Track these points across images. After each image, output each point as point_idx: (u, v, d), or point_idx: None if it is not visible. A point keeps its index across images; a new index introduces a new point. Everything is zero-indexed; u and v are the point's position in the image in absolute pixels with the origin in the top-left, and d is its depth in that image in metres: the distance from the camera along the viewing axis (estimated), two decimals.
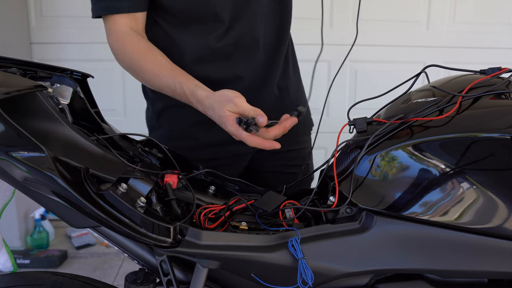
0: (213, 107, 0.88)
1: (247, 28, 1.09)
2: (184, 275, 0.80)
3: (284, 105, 1.17)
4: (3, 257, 0.84)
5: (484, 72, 0.85)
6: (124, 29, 1.01)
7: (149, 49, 1.00)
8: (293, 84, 1.23)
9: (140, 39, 1.01)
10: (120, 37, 1.00)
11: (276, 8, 1.13)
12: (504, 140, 0.72)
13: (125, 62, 1.01)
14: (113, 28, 1.01)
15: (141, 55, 0.99)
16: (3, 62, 0.81)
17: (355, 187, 0.79)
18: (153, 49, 1.01)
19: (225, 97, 0.86)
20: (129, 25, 1.01)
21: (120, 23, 1.01)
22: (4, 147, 0.64)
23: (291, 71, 1.23)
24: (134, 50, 0.99)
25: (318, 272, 0.73)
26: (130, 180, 0.73)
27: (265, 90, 1.15)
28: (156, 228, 0.69)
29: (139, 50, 0.99)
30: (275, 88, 1.18)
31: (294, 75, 1.24)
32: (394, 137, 0.78)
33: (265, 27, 1.12)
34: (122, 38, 1.00)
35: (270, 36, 1.13)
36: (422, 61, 2.73)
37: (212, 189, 0.91)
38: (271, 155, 1.19)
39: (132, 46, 1.00)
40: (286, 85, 1.20)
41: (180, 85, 0.94)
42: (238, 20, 1.08)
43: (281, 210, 0.83)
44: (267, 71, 1.15)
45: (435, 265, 0.74)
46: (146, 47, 1.00)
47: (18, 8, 2.61)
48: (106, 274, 2.36)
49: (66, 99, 0.83)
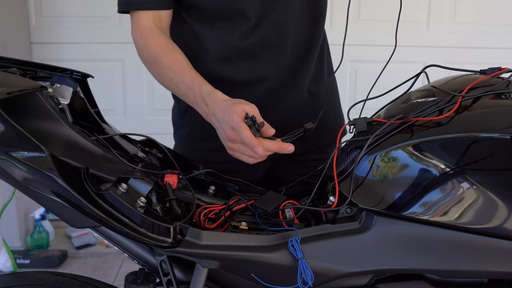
0: (226, 106, 0.84)
1: (275, 27, 1.06)
2: (184, 275, 0.80)
3: (313, 109, 1.12)
4: (3, 257, 0.84)
5: (484, 72, 0.85)
6: (148, 24, 1.02)
7: (171, 47, 1.01)
8: (325, 88, 1.17)
9: (164, 37, 1.02)
10: (143, 32, 1.01)
11: (308, 8, 1.09)
12: (504, 140, 0.72)
13: (147, 57, 1.02)
14: (137, 23, 1.02)
15: (163, 51, 0.99)
16: (3, 62, 0.81)
17: (355, 187, 0.79)
18: (175, 47, 1.01)
19: (243, 101, 0.84)
20: (153, 21, 1.02)
21: (144, 18, 1.01)
22: (4, 147, 0.64)
23: (325, 75, 1.18)
24: (157, 46, 1.00)
25: (318, 272, 0.73)
26: (130, 180, 0.73)
27: (293, 93, 1.11)
28: (156, 228, 0.69)
29: (161, 47, 1.00)
30: (305, 92, 1.13)
31: (327, 78, 1.19)
32: (394, 137, 0.78)
33: (296, 27, 1.08)
34: (146, 34, 1.01)
35: (301, 37, 1.10)
36: (422, 61, 2.73)
37: (212, 189, 0.91)
38: (293, 162, 1.13)
39: (155, 42, 1.00)
40: (318, 89, 1.15)
41: (199, 85, 0.92)
42: (266, 18, 1.05)
43: (281, 210, 0.83)
44: (295, 73, 1.11)
45: (435, 265, 0.74)
46: (168, 44, 1.01)
47: (18, 8, 2.61)
48: (106, 274, 2.36)
49: (66, 99, 0.83)
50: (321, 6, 1.11)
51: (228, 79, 1.05)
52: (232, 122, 0.81)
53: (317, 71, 1.15)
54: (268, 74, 1.08)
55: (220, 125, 0.85)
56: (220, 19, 1.05)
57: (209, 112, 0.89)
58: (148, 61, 1.02)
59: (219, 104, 0.86)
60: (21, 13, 2.64)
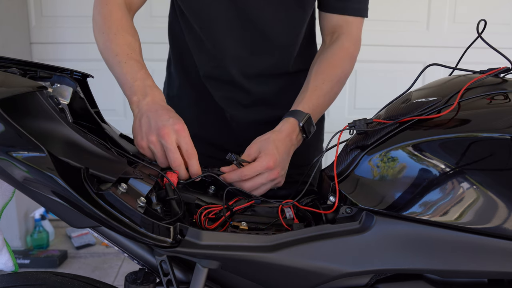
0: (161, 111, 0.86)
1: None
2: (184, 275, 0.80)
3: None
4: (5, 257, 0.84)
5: (484, 72, 0.85)
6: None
7: (130, 28, 1.01)
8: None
9: (127, 16, 1.02)
10: (109, 2, 1.01)
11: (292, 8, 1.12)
12: (504, 140, 0.72)
13: (103, 27, 0.99)
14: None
15: (122, 28, 0.98)
16: (3, 62, 0.81)
17: (355, 187, 0.79)
18: (134, 31, 1.01)
19: (177, 120, 0.85)
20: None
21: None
22: (4, 147, 0.63)
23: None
24: (117, 20, 0.99)
25: (318, 272, 0.73)
26: (130, 180, 0.73)
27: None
28: (156, 228, 0.69)
29: (121, 24, 0.99)
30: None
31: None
32: (394, 137, 0.78)
33: (279, 32, 1.11)
34: (111, 4, 1.01)
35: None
36: (422, 61, 2.73)
37: (212, 189, 0.91)
38: None
39: (117, 15, 1.00)
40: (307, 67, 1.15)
41: (146, 74, 0.92)
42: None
43: (281, 210, 0.84)
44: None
45: (435, 265, 0.74)
46: (129, 25, 1.01)
47: (18, 8, 2.61)
48: (106, 274, 2.36)
49: (66, 99, 0.83)
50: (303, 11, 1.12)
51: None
52: (166, 136, 0.82)
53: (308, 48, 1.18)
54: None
55: (150, 122, 0.85)
56: None
57: (144, 103, 0.88)
58: (101, 31, 1.00)
59: (158, 105, 0.87)
60: (21, 13, 2.64)
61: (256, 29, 1.08)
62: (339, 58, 1.07)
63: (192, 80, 1.17)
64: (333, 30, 1.12)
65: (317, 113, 1.02)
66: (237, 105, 1.14)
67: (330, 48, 1.09)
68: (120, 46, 0.95)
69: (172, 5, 1.17)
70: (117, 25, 0.98)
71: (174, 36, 1.18)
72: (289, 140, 0.93)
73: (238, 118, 1.15)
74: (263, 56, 1.11)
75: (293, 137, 0.95)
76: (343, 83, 1.08)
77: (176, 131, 0.82)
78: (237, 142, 0.93)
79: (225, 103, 1.14)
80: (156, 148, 0.84)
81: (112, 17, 0.99)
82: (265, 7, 1.06)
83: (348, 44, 1.09)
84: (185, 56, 1.16)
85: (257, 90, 1.13)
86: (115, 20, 0.99)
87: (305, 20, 1.12)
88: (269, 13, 1.07)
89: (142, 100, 0.88)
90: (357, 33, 1.12)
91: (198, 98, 1.18)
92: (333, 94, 1.06)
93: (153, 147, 0.84)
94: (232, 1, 1.05)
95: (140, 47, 0.99)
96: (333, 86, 1.04)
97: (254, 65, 1.11)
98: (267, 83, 1.14)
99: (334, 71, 1.05)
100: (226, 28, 1.07)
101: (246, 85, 1.12)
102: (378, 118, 0.87)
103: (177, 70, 1.21)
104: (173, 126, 0.83)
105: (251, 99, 1.14)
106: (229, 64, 1.10)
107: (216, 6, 1.05)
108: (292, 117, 0.96)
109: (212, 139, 1.18)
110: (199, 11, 1.07)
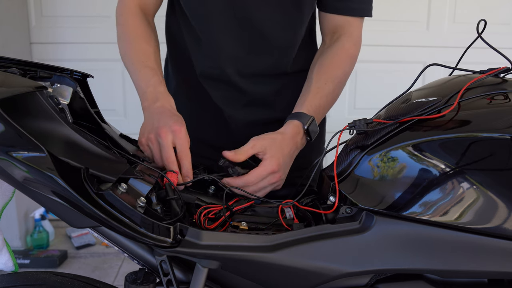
0: (167, 114, 0.89)
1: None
2: (184, 275, 0.80)
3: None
4: (5, 257, 0.84)
5: (484, 72, 0.85)
6: (131, 5, 1.06)
7: (146, 34, 1.05)
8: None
9: (142, 22, 1.06)
10: (124, 12, 1.06)
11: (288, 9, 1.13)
12: (504, 140, 0.72)
13: (122, 35, 1.05)
14: (122, 0, 1.07)
15: (137, 36, 1.03)
16: (3, 62, 0.81)
17: (355, 187, 0.79)
18: (150, 36, 1.05)
19: (183, 128, 0.87)
20: (137, 2, 1.07)
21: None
22: (4, 147, 0.63)
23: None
24: (132, 29, 1.04)
25: (318, 272, 0.73)
26: (130, 180, 0.73)
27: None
28: (156, 228, 0.69)
29: (136, 31, 1.04)
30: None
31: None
32: (394, 137, 0.78)
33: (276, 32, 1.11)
34: (126, 13, 1.06)
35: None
36: (422, 61, 2.73)
37: (212, 189, 0.91)
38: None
39: (133, 23, 1.05)
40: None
41: (159, 81, 0.96)
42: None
43: (281, 210, 0.84)
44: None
45: (435, 265, 0.74)
46: (144, 30, 1.05)
47: (18, 8, 2.61)
48: (106, 274, 2.36)
49: (66, 99, 0.83)
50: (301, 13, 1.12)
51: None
52: (162, 135, 0.85)
53: (308, 49, 1.18)
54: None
55: (153, 122, 0.88)
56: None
57: (154, 107, 0.92)
58: (120, 40, 1.06)
59: (167, 109, 0.91)
60: (21, 13, 2.64)
61: (253, 29, 1.07)
62: (340, 58, 1.07)
63: (189, 79, 1.17)
64: (334, 30, 1.11)
65: (320, 114, 1.02)
66: (235, 105, 1.14)
67: (331, 48, 1.09)
68: (135, 54, 1.01)
69: (170, 4, 1.17)
70: (132, 34, 1.03)
71: (171, 35, 1.18)
72: (293, 143, 0.93)
73: (236, 119, 1.15)
74: (261, 56, 1.11)
75: (298, 139, 0.95)
76: (344, 84, 1.08)
77: (173, 131, 0.85)
78: (236, 143, 0.92)
79: (223, 102, 1.14)
80: (153, 146, 0.87)
81: (128, 27, 1.04)
82: (263, 7, 1.06)
83: (349, 45, 1.09)
84: (182, 55, 1.16)
85: (254, 90, 1.13)
86: (131, 30, 1.04)
87: (304, 22, 1.12)
88: (267, 14, 1.07)
89: (152, 105, 0.93)
90: (357, 34, 1.11)
91: (195, 98, 1.18)
92: (335, 95, 1.05)
93: (151, 145, 0.87)
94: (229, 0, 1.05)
95: (156, 52, 1.03)
96: (335, 87, 1.04)
97: (251, 65, 1.11)
98: (264, 83, 1.13)
99: (335, 72, 1.05)
100: (223, 27, 1.07)
101: (242, 84, 1.12)
102: (378, 118, 0.87)
103: (174, 69, 1.21)
104: (172, 127, 0.85)
105: (248, 99, 1.14)
106: (225, 63, 1.09)
107: (213, 4, 1.05)
108: (296, 119, 0.96)
109: (211, 140, 1.18)
110: (197, 9, 1.07)
